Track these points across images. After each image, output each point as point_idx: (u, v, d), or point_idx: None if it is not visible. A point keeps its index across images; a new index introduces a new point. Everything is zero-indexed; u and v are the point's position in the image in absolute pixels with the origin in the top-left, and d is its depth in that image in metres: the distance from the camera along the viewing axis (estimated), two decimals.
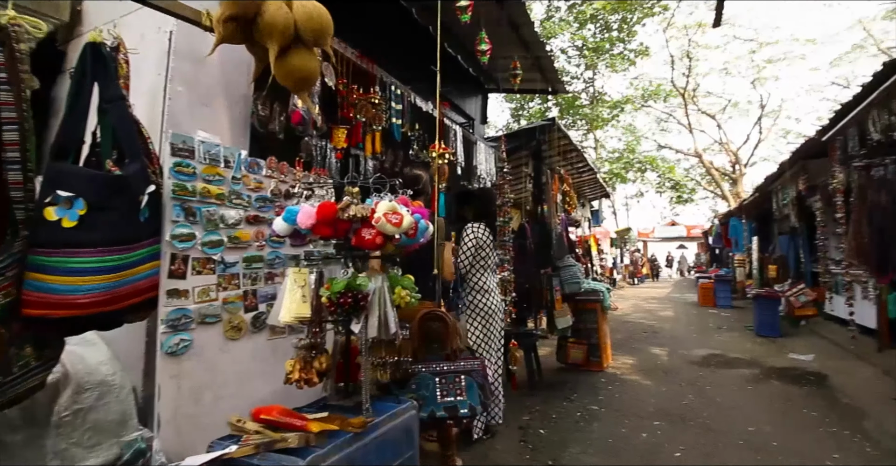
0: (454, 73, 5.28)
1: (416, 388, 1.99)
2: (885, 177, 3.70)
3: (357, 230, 1.49)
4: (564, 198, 6.04)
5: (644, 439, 3.25)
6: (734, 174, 20.20)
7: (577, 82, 19.14)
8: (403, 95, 3.36)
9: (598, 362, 5.08)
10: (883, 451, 2.96)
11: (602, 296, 5.09)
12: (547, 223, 4.97)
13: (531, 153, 5.53)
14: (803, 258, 8.31)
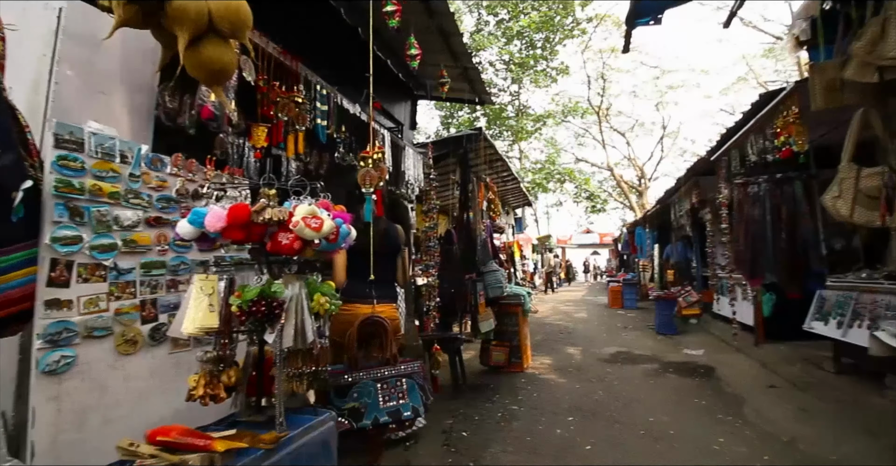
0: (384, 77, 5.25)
1: (358, 396, 1.97)
2: (759, 194, 4.29)
3: (273, 234, 1.41)
4: (490, 205, 6.24)
5: (559, 434, 3.43)
6: (640, 187, 22.23)
7: (504, 94, 19.94)
8: (330, 96, 3.28)
9: (518, 363, 5.28)
10: (759, 433, 3.38)
11: (523, 300, 5.31)
12: (472, 229, 5.09)
13: (459, 161, 5.65)
14: (695, 263, 9.33)
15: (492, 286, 4.98)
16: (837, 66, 2.79)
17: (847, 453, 2.89)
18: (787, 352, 5.37)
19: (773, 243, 4.20)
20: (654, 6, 3.58)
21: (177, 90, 2.24)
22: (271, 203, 1.45)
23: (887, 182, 2.42)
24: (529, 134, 19.87)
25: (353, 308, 2.41)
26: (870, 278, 3.95)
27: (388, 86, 5.68)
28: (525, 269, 14.36)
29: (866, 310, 3.74)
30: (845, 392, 3.97)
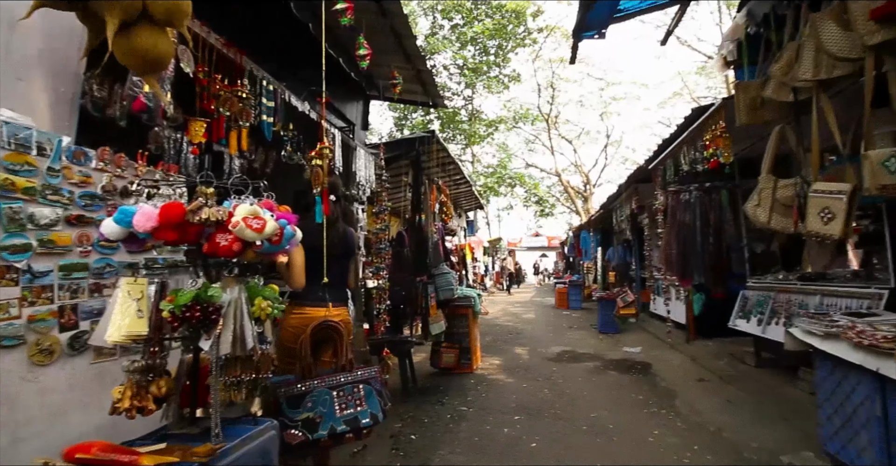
0: (336, 75, 5.14)
1: (313, 406, 1.87)
2: (690, 201, 4.62)
3: (210, 235, 1.34)
4: (441, 207, 6.27)
5: (506, 433, 3.50)
6: (586, 192, 23.23)
7: (457, 99, 20.18)
8: (277, 92, 3.16)
9: (468, 364, 5.33)
10: (689, 424, 3.62)
11: (474, 302, 5.37)
12: (424, 231, 5.09)
13: (411, 163, 5.64)
14: (635, 266, 9.86)
15: (443, 288, 5.01)
16: (759, 85, 3.07)
17: (766, 440, 3.16)
18: (714, 348, 5.79)
19: (702, 246, 4.53)
20: (598, 21, 3.76)
21: (106, 78, 2.08)
22: (209, 202, 1.38)
23: (799, 192, 2.68)
24: (482, 138, 20.23)
25: (307, 312, 2.33)
26: (785, 279, 4.35)
27: (340, 85, 5.57)
28: (476, 271, 14.55)
29: (783, 309, 4.11)
30: (765, 384, 4.34)
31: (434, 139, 5.55)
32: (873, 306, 3.13)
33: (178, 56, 2.24)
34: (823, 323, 2.63)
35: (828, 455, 2.66)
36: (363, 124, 6.58)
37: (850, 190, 2.27)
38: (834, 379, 2.59)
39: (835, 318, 2.64)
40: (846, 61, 2.31)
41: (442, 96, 6.75)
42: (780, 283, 4.33)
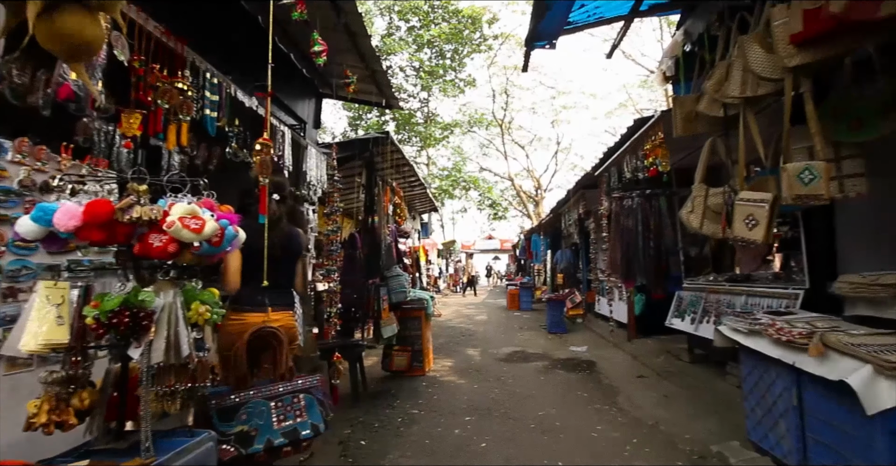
0: (287, 71, 4.99)
1: (248, 418, 1.75)
2: (632, 207, 4.87)
3: (143, 235, 1.25)
4: (395, 209, 6.23)
5: (456, 434, 3.52)
6: (537, 197, 23.90)
7: (413, 101, 20.16)
8: (222, 85, 3.02)
9: (420, 367, 5.32)
10: (630, 419, 3.80)
11: (426, 304, 5.37)
12: (377, 233, 5.04)
13: (365, 163, 5.57)
14: (581, 268, 10.25)
15: (395, 291, 4.97)
16: (694, 99, 3.29)
17: (698, 431, 3.38)
18: (653, 346, 6.13)
19: (643, 250, 4.79)
20: (549, 32, 3.89)
21: (28, 63, 1.89)
22: (141, 200, 1.29)
23: (727, 200, 2.90)
24: (437, 141, 20.34)
25: (244, 317, 2.21)
26: (715, 281, 4.69)
27: (291, 82, 5.40)
28: (430, 274, 14.56)
29: (713, 308, 4.42)
30: (698, 379, 4.64)
31: (389, 140, 5.50)
32: (791, 305, 3.43)
33: (111, 43, 2.09)
34: (747, 322, 2.85)
35: (752, 443, 2.89)
36: (315, 123, 6.42)
37: (771, 199, 2.48)
38: (757, 372, 2.81)
39: (757, 317, 2.87)
40: (769, 81, 2.53)
41: (397, 97, 6.72)
42: (710, 285, 4.66)
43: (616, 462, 2.99)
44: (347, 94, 4.99)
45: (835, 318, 2.71)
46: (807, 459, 2.40)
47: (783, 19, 2.28)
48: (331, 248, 4.21)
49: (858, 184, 2.48)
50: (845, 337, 2.18)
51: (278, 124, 3.77)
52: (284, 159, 3.73)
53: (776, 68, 2.42)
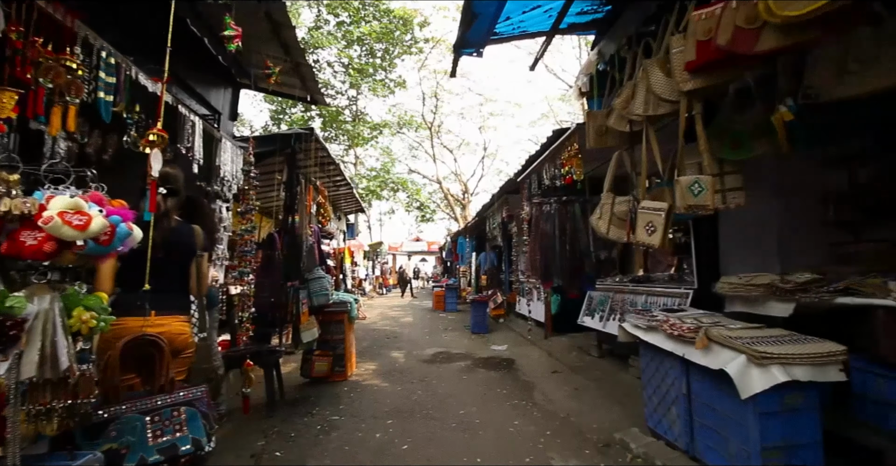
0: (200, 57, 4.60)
1: (118, 435, 1.56)
2: (550, 212, 5.16)
3: (13, 232, 1.09)
4: (319, 209, 6.01)
5: (378, 438, 3.47)
6: (464, 200, 24.41)
7: (341, 98, 19.63)
8: (120, 67, 2.71)
9: (342, 372, 5.18)
10: (544, 413, 4.01)
11: (350, 307, 5.24)
12: (298, 233, 4.82)
13: (286, 160, 5.31)
14: (504, 270, 10.64)
15: (317, 293, 4.79)
16: (605, 115, 3.56)
17: (604, 420, 3.65)
18: (567, 342, 6.53)
19: (560, 253, 5.10)
20: (477, 40, 4.00)
21: None
22: (13, 191, 1.12)
23: (631, 208, 3.17)
24: (366, 140, 19.99)
25: (121, 323, 1.96)
26: (620, 282, 5.11)
27: (205, 69, 5.00)
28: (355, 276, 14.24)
29: (618, 306, 4.81)
30: (605, 372, 5.02)
31: (313, 137, 5.30)
32: (682, 303, 3.84)
33: None
34: (646, 318, 3.14)
35: (649, 429, 3.18)
36: (232, 114, 5.99)
37: (667, 208, 2.76)
38: (654, 364, 3.11)
39: (654, 314, 3.17)
40: (667, 102, 2.81)
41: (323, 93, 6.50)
42: (616, 285, 5.07)
43: (531, 454, 3.14)
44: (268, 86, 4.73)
45: (717, 314, 3.07)
46: (693, 440, 2.70)
47: (680, 48, 2.55)
48: (245, 249, 3.95)
49: (737, 197, 2.85)
50: (725, 331, 2.48)
51: (188, 114, 3.47)
52: (194, 152, 3.44)
53: (674, 91, 2.70)
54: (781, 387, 2.16)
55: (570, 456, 3.08)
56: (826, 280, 2.68)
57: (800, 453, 2.22)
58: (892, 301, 2.22)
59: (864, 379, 2.43)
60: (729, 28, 2.11)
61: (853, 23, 2.00)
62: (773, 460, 2.19)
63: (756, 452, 2.20)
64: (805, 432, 2.23)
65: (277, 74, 4.39)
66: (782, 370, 2.17)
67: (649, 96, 2.88)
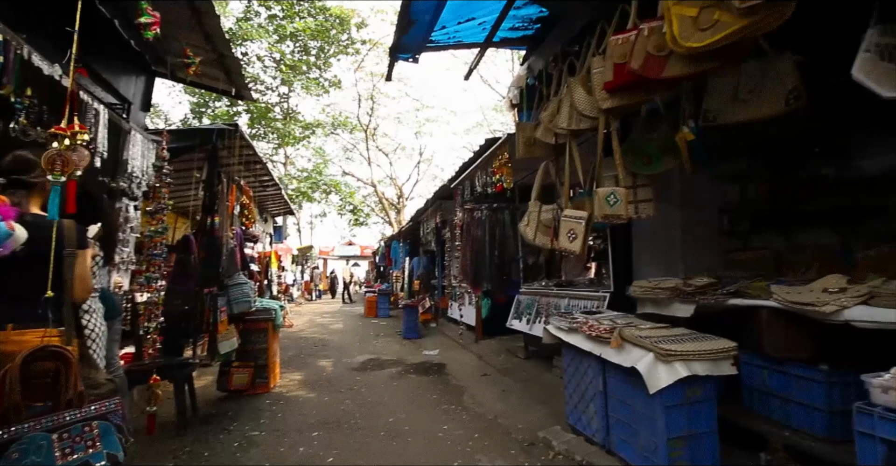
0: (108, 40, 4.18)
1: (21, 456, 1.39)
2: (481, 218, 5.30)
3: None
4: (243, 210, 5.67)
5: (301, 453, 3.31)
6: (399, 205, 24.30)
7: (271, 94, 18.76)
8: (10, 44, 2.39)
9: (264, 383, 4.90)
10: (473, 415, 4.06)
11: (274, 315, 4.99)
12: (218, 236, 4.51)
13: (207, 157, 4.96)
14: (437, 275, 10.72)
15: (237, 300, 4.49)
16: (533, 127, 3.73)
17: (529, 420, 3.78)
18: (496, 345, 6.70)
19: (490, 258, 5.24)
20: (413, 46, 4.02)
21: None
22: None
23: (556, 216, 3.34)
24: (297, 140, 19.25)
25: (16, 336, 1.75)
26: (546, 286, 5.35)
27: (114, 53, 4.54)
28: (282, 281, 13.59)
29: (544, 310, 5.03)
30: (531, 373, 5.20)
31: (238, 133, 5.00)
32: (600, 305, 4.10)
33: None
34: (568, 321, 3.31)
35: (570, 426, 3.34)
36: (144, 104, 5.49)
37: (586, 216, 2.95)
38: (574, 364, 3.28)
39: (575, 316, 3.35)
40: (588, 118, 3.01)
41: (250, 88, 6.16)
42: (542, 289, 5.30)
43: (459, 458, 3.16)
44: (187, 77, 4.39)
45: (630, 316, 3.32)
46: (609, 435, 2.88)
47: (599, 69, 2.75)
48: (154, 252, 3.61)
49: (647, 208, 3.11)
50: (636, 331, 2.68)
51: (91, 101, 3.12)
52: (97, 144, 3.10)
53: (594, 108, 2.89)
54: (684, 382, 2.38)
55: (497, 457, 3.15)
56: (721, 283, 3.00)
57: (699, 441, 2.44)
58: (773, 302, 2.53)
59: (751, 371, 2.75)
60: (641, 54, 2.30)
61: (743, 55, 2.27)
62: (677, 449, 2.40)
63: (663, 443, 2.39)
64: (704, 422, 2.47)
65: (198, 65, 4.10)
66: (684, 365, 2.38)
67: (573, 112, 3.07)
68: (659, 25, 2.20)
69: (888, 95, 1.73)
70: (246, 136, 5.23)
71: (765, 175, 3.77)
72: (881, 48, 1.78)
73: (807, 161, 3.49)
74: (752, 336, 2.66)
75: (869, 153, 3.14)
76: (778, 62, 2.33)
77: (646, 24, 2.33)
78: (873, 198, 3.02)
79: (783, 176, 3.61)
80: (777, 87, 2.30)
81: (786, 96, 2.27)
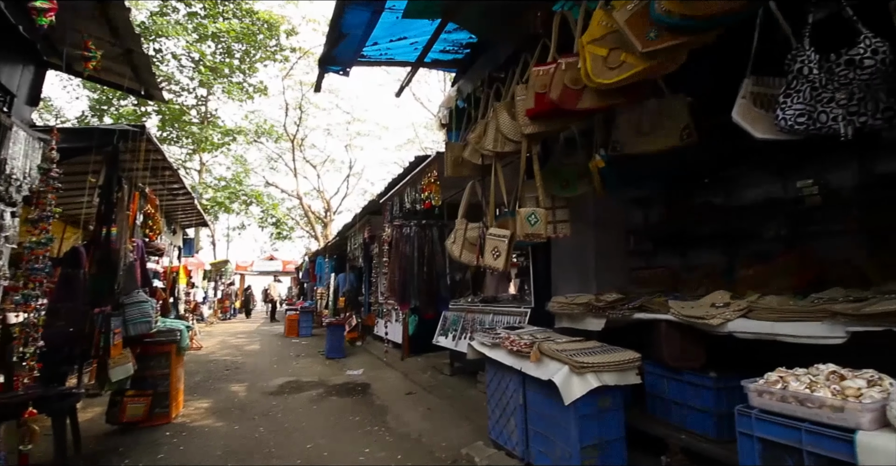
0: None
1: None
2: (409, 235, 5.30)
3: None
4: (147, 220, 5.17)
5: None
6: (326, 218, 23.59)
7: (188, 96, 17.50)
8: None
9: (164, 413, 4.41)
10: (396, 436, 3.96)
11: (179, 336, 4.54)
12: (115, 249, 4.05)
13: (106, 160, 4.48)
14: (364, 291, 10.48)
15: (135, 321, 4.02)
16: (461, 147, 3.84)
17: (453, 437, 3.77)
18: (422, 363, 6.65)
19: (418, 274, 5.24)
20: (344, 59, 3.99)
21: None
22: None
23: (481, 234, 3.44)
24: (216, 146, 18.00)
25: None
26: (472, 302, 5.45)
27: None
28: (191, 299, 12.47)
29: (469, 326, 5.10)
30: (456, 390, 5.22)
31: (145, 135, 4.58)
32: (522, 321, 4.25)
33: None
34: (491, 336, 3.39)
35: (492, 441, 3.39)
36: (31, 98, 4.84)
37: (509, 235, 3.06)
38: (497, 379, 3.35)
39: (498, 332, 3.44)
40: (512, 142, 3.16)
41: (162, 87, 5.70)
42: (468, 305, 5.39)
43: None
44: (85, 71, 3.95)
45: (549, 330, 3.47)
46: (528, 448, 2.96)
47: (522, 96, 2.91)
48: (35, 266, 3.14)
49: (565, 228, 3.31)
50: (553, 345, 2.81)
51: None
52: None
53: (517, 133, 3.05)
54: (595, 392, 2.52)
55: None
56: (628, 299, 3.25)
57: (610, 448, 2.59)
58: (670, 315, 2.79)
59: (654, 380, 2.99)
60: (559, 86, 2.48)
61: (646, 94, 2.54)
62: (590, 457, 2.52)
63: (576, 452, 2.50)
64: (614, 429, 2.63)
65: (100, 60, 3.73)
66: (595, 377, 2.54)
67: (498, 135, 3.21)
68: (575, 61, 2.40)
69: (760, 136, 2.02)
70: (154, 139, 4.80)
71: (664, 201, 4.19)
72: (754, 95, 2.09)
73: (699, 190, 3.94)
74: (654, 347, 2.90)
75: (747, 185, 3.62)
76: (673, 102, 2.63)
77: (563, 59, 2.53)
78: (751, 224, 3.48)
79: (679, 202, 4.04)
80: (673, 124, 2.59)
81: (680, 132, 2.56)
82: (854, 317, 1.93)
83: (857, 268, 2.64)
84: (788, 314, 2.22)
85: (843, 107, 1.74)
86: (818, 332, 2.08)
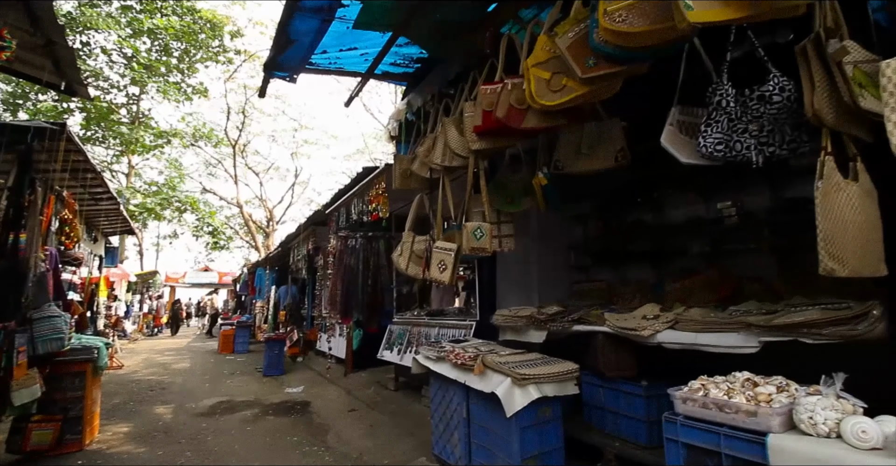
0: None
1: None
2: (355, 247, 5.21)
3: None
4: (63, 227, 4.71)
5: None
6: (268, 228, 22.63)
7: (118, 94, 16.29)
8: None
9: (76, 440, 3.97)
10: (336, 456, 3.81)
11: (96, 354, 4.13)
12: (23, 257, 3.64)
13: (17, 159, 4.06)
14: (306, 305, 10.11)
15: (44, 338, 3.61)
16: (410, 160, 3.85)
17: (396, 454, 3.68)
18: (366, 378, 6.48)
19: (362, 287, 5.14)
20: (291, 66, 3.90)
21: None
22: None
23: (428, 247, 3.45)
24: (147, 149, 16.82)
25: None
26: (417, 315, 5.41)
27: None
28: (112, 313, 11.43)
29: (415, 339, 5.05)
30: (400, 405, 5.12)
31: (65, 134, 4.19)
32: (467, 334, 4.28)
33: None
34: (436, 350, 3.38)
35: (436, 456, 3.34)
36: None
37: (456, 248, 3.10)
38: (441, 393, 3.33)
39: (443, 345, 3.44)
40: (460, 157, 3.22)
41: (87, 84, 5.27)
42: (414, 319, 5.35)
43: None
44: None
45: (493, 343, 3.51)
46: (471, 461, 2.95)
47: (471, 113, 2.99)
48: None
49: (509, 242, 3.39)
50: (497, 358, 2.85)
51: None
52: None
53: (465, 148, 3.11)
54: (536, 403, 2.57)
55: None
56: (568, 311, 3.37)
57: (549, 458, 2.64)
58: (606, 327, 2.92)
59: (591, 390, 3.10)
60: (505, 105, 2.57)
61: (585, 117, 2.69)
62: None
63: (517, 463, 2.53)
64: (553, 439, 2.69)
65: (14, 50, 3.40)
66: (536, 388, 2.59)
67: (446, 149, 3.25)
68: (520, 82, 2.50)
69: (685, 161, 2.20)
70: (76, 139, 4.41)
71: (601, 218, 4.42)
72: (680, 123, 2.27)
73: (632, 208, 4.20)
74: (592, 357, 3.02)
75: (674, 205, 3.90)
76: (610, 125, 2.80)
77: (510, 80, 2.62)
78: (678, 241, 3.74)
79: (614, 219, 4.28)
80: (609, 146, 2.75)
81: (615, 154, 2.73)
82: (765, 328, 2.12)
83: (769, 283, 2.91)
84: (709, 325, 2.40)
85: (754, 137, 1.94)
86: (735, 342, 2.26)
